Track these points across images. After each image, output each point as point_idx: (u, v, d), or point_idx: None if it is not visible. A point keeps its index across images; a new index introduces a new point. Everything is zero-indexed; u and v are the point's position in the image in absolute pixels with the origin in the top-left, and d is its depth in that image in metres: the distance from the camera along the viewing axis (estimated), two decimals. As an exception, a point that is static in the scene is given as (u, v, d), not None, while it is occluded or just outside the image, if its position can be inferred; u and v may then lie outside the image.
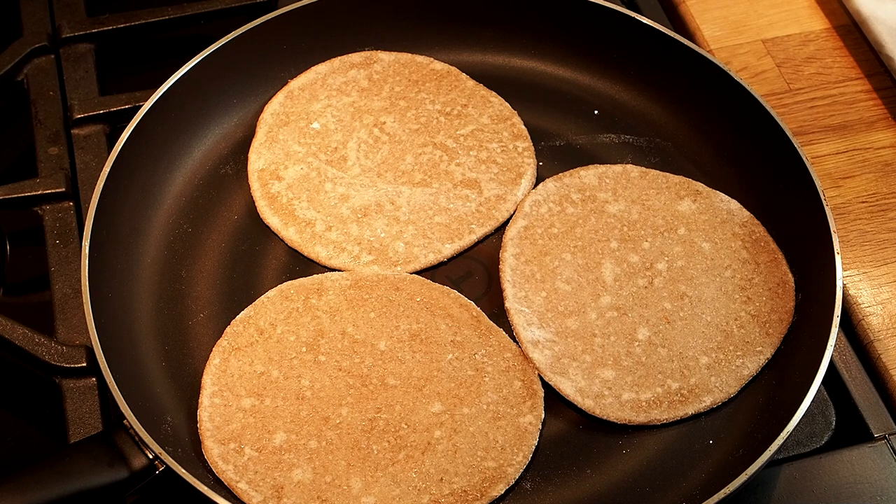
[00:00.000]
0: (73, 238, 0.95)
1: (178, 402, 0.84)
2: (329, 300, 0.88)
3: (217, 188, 0.98)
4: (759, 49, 1.11)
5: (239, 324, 0.87)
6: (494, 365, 0.85)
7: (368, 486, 0.79)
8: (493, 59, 1.07)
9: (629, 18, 1.01)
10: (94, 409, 0.86)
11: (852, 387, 0.88)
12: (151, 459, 0.76)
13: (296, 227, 0.93)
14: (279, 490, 0.78)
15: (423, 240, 0.92)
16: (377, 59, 1.04)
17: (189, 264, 0.93)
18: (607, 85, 1.05)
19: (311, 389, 0.83)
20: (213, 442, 0.80)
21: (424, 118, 1.00)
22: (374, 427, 0.81)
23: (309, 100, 1.01)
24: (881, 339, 0.91)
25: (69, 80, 1.07)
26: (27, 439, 0.89)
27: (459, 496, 0.79)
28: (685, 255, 0.91)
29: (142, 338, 0.88)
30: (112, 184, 0.89)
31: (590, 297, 0.89)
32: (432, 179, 0.96)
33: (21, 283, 0.99)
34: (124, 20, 1.10)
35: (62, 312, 0.91)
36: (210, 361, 0.85)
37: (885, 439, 0.86)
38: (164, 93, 0.95)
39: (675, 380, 0.84)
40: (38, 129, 1.03)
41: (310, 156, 0.97)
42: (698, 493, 0.78)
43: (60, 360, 0.87)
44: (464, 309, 0.88)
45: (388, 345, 0.86)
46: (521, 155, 0.98)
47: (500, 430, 0.82)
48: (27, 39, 1.09)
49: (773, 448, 0.76)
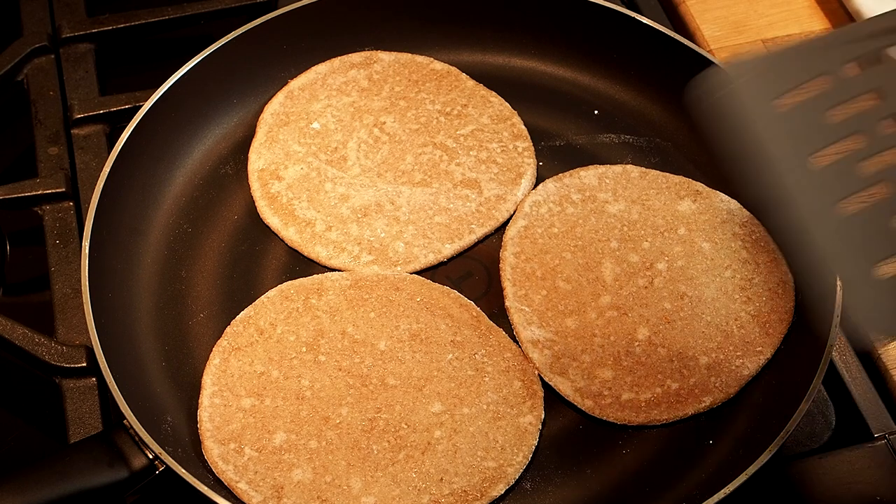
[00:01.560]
0: (73, 238, 0.95)
1: (178, 402, 0.84)
2: (329, 300, 0.88)
3: (217, 188, 0.98)
4: (759, 49, 1.11)
5: (239, 324, 0.87)
6: (494, 365, 0.85)
7: (368, 485, 0.79)
8: (493, 59, 1.07)
9: (629, 18, 1.01)
10: (94, 409, 0.86)
11: (852, 387, 0.88)
12: (151, 459, 0.76)
13: (296, 227, 0.93)
14: (279, 490, 0.78)
15: (423, 240, 0.92)
16: (377, 59, 1.04)
17: (189, 264, 0.93)
18: (607, 85, 1.05)
19: (311, 389, 0.83)
20: (213, 442, 0.80)
21: (424, 118, 1.00)
22: (374, 427, 0.81)
23: (309, 100, 1.01)
24: (881, 339, 0.91)
25: (69, 80, 1.07)
26: (27, 439, 0.89)
27: (459, 496, 0.79)
28: (685, 255, 0.91)
29: (142, 338, 0.88)
30: (112, 184, 0.89)
31: (590, 296, 0.89)
32: (432, 179, 0.96)
33: (21, 283, 0.99)
34: (124, 20, 1.10)
35: (62, 312, 0.91)
36: (210, 361, 0.85)
37: (885, 439, 0.86)
38: (164, 93, 0.95)
39: (674, 380, 0.84)
40: (38, 129, 1.03)
41: (310, 156, 0.97)
42: (698, 493, 0.78)
43: (60, 360, 0.87)
44: (464, 309, 0.88)
45: (388, 345, 0.86)
46: (521, 155, 0.98)
47: (500, 430, 0.82)
48: (27, 39, 1.09)
49: (773, 448, 0.76)
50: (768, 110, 0.70)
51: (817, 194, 0.68)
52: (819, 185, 0.69)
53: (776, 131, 0.70)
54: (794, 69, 0.70)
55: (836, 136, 0.69)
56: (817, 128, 0.69)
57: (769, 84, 0.70)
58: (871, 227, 0.68)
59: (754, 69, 0.71)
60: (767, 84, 0.70)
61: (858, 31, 0.71)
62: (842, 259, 0.68)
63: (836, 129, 0.69)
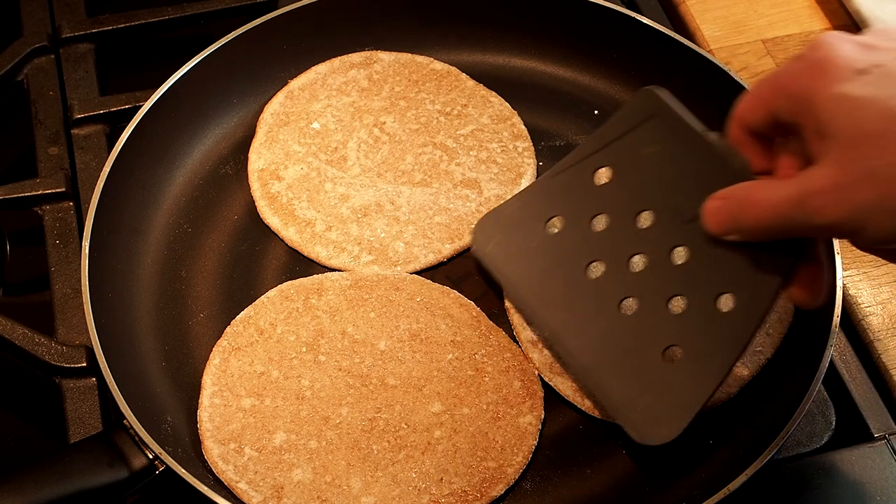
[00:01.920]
0: (73, 238, 0.95)
1: (178, 402, 0.84)
2: (329, 300, 0.88)
3: (217, 188, 0.98)
4: (759, 49, 1.11)
5: (239, 324, 0.87)
6: (494, 365, 0.85)
7: (368, 485, 0.79)
8: (493, 59, 1.07)
9: (629, 18, 1.01)
10: (94, 409, 0.86)
11: (852, 387, 0.88)
12: (151, 459, 0.76)
13: (296, 227, 0.93)
14: (279, 490, 0.78)
15: (423, 240, 0.92)
16: (377, 59, 1.04)
17: (189, 264, 0.93)
18: (607, 85, 1.05)
19: (311, 389, 0.83)
20: (213, 442, 0.80)
21: (424, 118, 1.00)
22: (374, 427, 0.81)
23: (309, 100, 1.01)
24: (881, 339, 0.91)
25: (69, 80, 1.07)
26: (27, 439, 0.89)
27: (459, 496, 0.78)
28: (685, 255, 0.91)
29: (142, 338, 0.88)
30: (112, 184, 0.89)
31: (589, 297, 0.89)
32: (432, 179, 0.96)
33: (21, 283, 0.99)
34: (124, 20, 1.10)
35: (62, 312, 0.91)
36: (210, 361, 0.85)
37: (885, 439, 0.86)
38: (164, 93, 0.95)
39: (674, 380, 0.84)
40: (38, 129, 1.03)
41: (310, 156, 0.97)
42: (698, 493, 0.78)
43: (60, 360, 0.87)
44: (464, 309, 0.88)
45: (388, 345, 0.86)
46: (521, 155, 0.98)
47: (499, 430, 0.82)
48: (27, 39, 1.09)
49: (773, 448, 0.76)
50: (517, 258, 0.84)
51: (580, 322, 0.79)
52: (578, 313, 0.80)
53: (528, 276, 0.83)
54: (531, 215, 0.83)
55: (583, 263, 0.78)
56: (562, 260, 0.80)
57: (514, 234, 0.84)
58: (635, 338, 0.76)
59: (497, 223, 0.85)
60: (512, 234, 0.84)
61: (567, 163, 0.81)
62: (612, 376, 0.77)
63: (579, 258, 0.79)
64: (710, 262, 0.71)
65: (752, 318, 0.70)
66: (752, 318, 0.70)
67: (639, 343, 0.75)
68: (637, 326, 0.75)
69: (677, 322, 0.73)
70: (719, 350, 0.72)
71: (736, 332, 0.71)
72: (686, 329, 0.73)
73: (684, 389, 0.73)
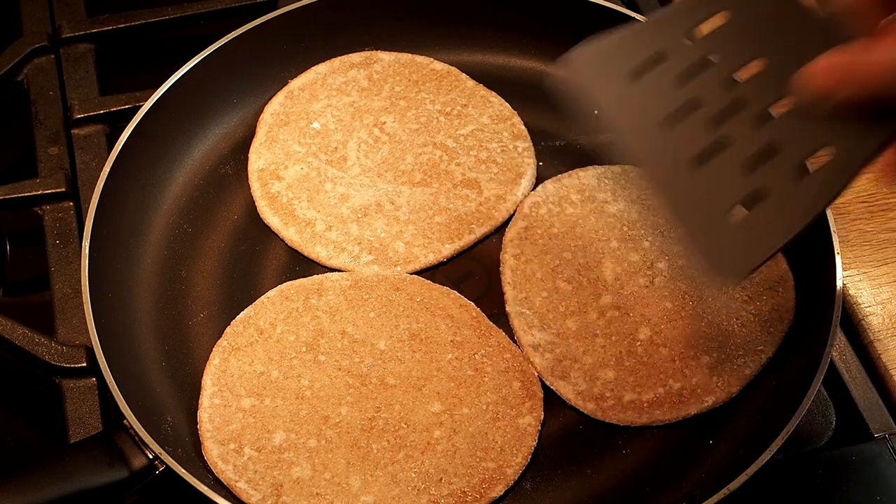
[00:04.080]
0: (73, 238, 0.95)
1: (178, 402, 0.84)
2: (329, 300, 0.88)
3: (217, 188, 0.98)
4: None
5: (239, 324, 0.87)
6: (494, 365, 0.85)
7: (367, 484, 0.79)
8: (493, 59, 1.07)
9: (629, 18, 1.01)
10: (94, 409, 0.86)
11: (852, 387, 0.88)
12: (151, 459, 0.76)
13: (296, 227, 0.93)
14: (278, 488, 0.78)
15: (423, 240, 0.92)
16: (377, 59, 1.04)
17: (189, 264, 0.93)
18: (607, 85, 1.05)
19: (310, 389, 0.83)
20: (212, 443, 0.80)
21: (424, 118, 1.00)
22: (374, 426, 0.81)
23: (309, 100, 1.01)
24: (881, 339, 0.91)
25: (69, 80, 1.07)
26: (27, 439, 0.89)
27: (459, 497, 0.78)
28: (686, 253, 0.91)
29: (142, 338, 0.88)
30: (112, 184, 0.89)
31: (591, 296, 0.88)
32: (432, 179, 0.96)
33: (21, 283, 0.99)
34: (124, 20, 1.10)
35: (62, 312, 0.91)
36: (210, 361, 0.85)
37: (885, 439, 0.86)
38: (164, 93, 0.95)
39: (676, 380, 0.84)
40: (38, 129, 1.03)
41: (310, 156, 0.97)
42: (698, 493, 0.78)
43: (60, 360, 0.87)
44: (463, 309, 0.88)
45: (387, 344, 0.86)
46: (521, 155, 0.98)
47: (499, 430, 0.82)
48: (27, 39, 1.09)
49: (773, 448, 0.76)
50: (616, 86, 0.79)
51: (666, 154, 0.74)
52: (666, 146, 0.75)
53: (625, 104, 0.78)
54: (637, 48, 0.78)
55: (679, 101, 0.74)
56: (660, 95, 0.76)
57: (617, 62, 0.79)
58: (719, 179, 0.73)
59: (601, 53, 0.80)
60: (615, 62, 0.79)
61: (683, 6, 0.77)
62: (693, 210, 0.73)
63: (677, 94, 0.75)
64: (810, 117, 0.70)
65: (846, 172, 0.69)
66: (846, 172, 0.69)
67: (724, 182, 0.73)
68: (726, 164, 0.73)
69: (769, 168, 0.72)
70: (808, 197, 0.71)
71: (828, 183, 0.70)
72: (776, 174, 0.72)
73: (764, 231, 0.72)
